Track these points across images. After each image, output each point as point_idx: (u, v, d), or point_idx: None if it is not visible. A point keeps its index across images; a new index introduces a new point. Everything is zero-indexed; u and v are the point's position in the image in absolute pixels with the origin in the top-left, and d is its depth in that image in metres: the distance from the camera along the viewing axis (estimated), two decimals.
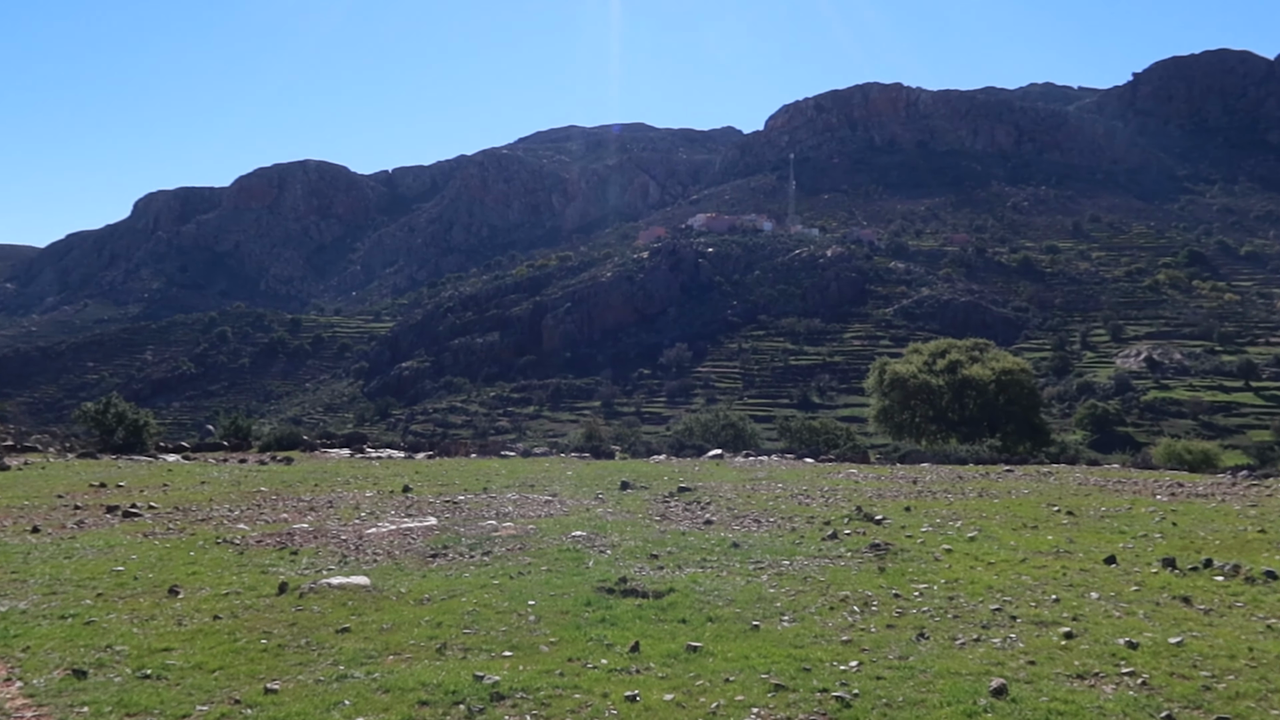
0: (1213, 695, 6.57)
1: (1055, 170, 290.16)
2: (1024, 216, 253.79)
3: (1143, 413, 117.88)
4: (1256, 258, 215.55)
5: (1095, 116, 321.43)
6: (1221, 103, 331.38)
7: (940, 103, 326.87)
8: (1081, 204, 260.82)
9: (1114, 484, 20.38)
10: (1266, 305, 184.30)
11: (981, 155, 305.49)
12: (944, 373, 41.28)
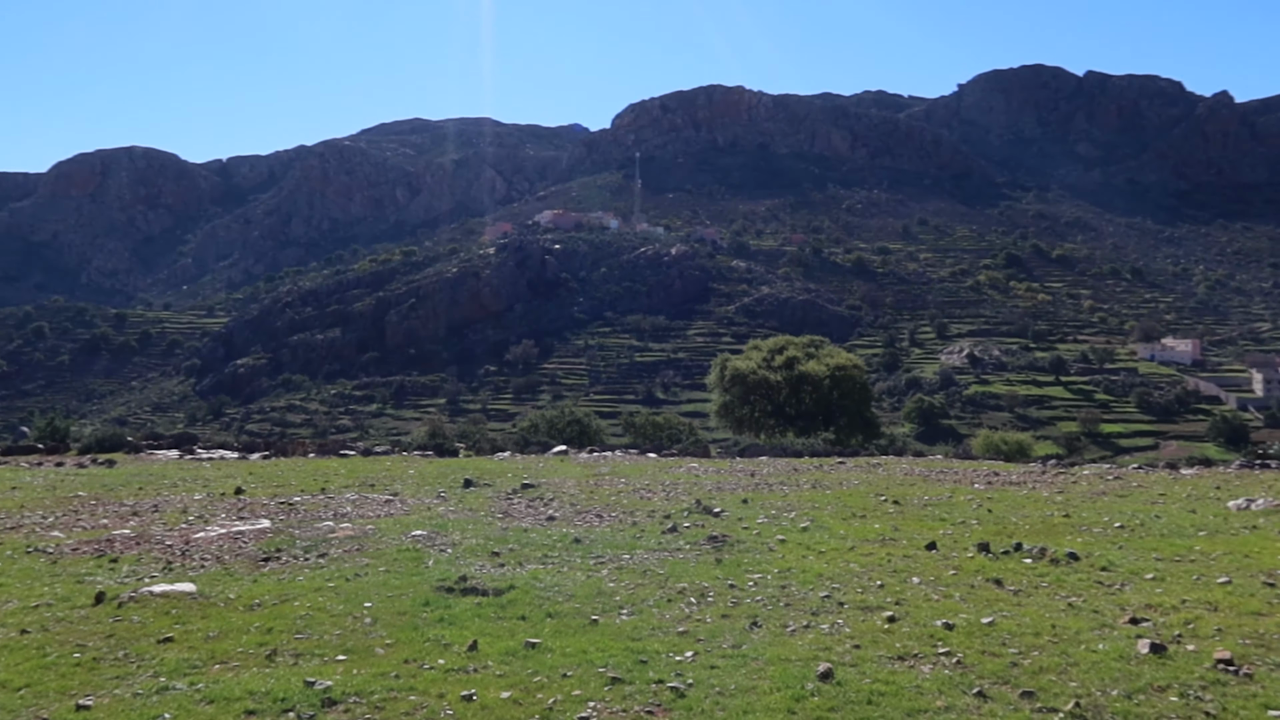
0: (1019, 670, 7.02)
1: (887, 175, 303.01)
2: (858, 219, 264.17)
3: (965, 406, 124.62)
4: (1067, 261, 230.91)
5: (924, 124, 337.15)
6: (1037, 115, 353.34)
7: (780, 107, 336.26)
8: (911, 207, 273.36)
9: (937, 474, 21.45)
10: (1075, 305, 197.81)
11: (819, 159, 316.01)
12: (782, 369, 42.54)
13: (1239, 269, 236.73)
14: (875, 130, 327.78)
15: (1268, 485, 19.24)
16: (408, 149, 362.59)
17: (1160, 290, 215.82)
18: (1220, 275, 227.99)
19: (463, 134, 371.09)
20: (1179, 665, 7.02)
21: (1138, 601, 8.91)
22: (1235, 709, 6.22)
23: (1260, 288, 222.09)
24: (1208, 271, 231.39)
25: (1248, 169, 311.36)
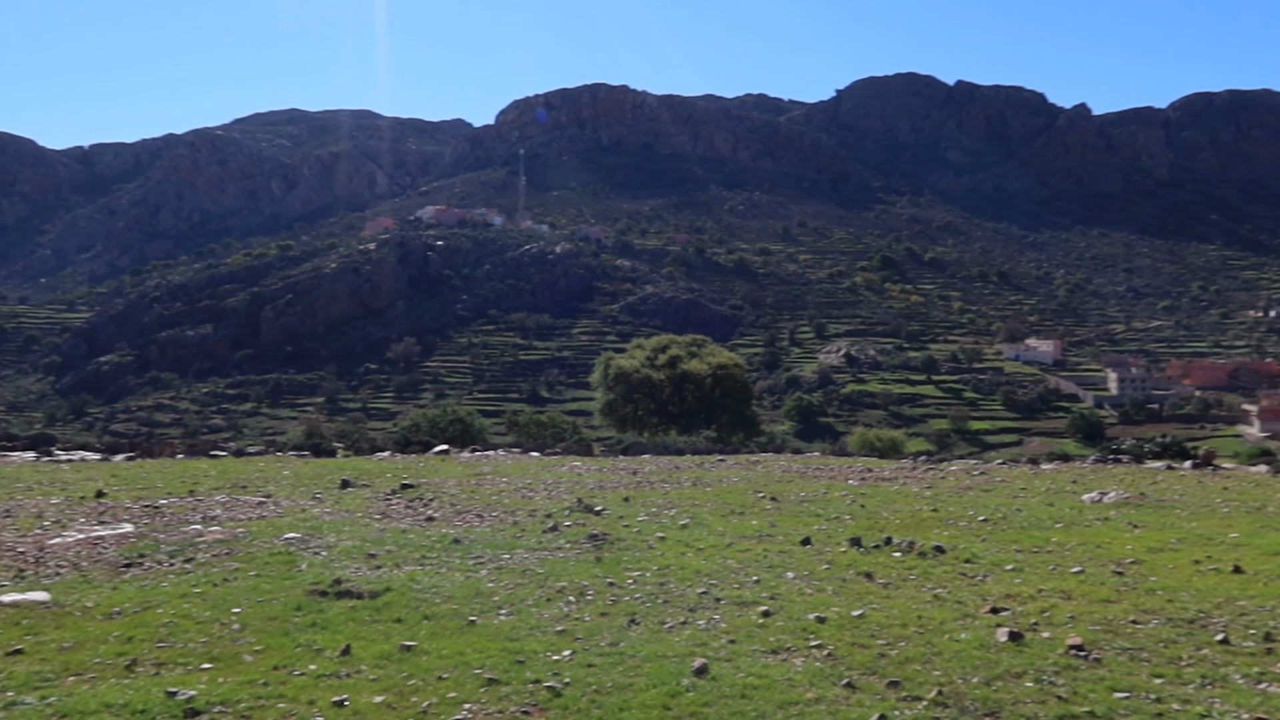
0: (887, 661, 7.24)
1: (768, 177, 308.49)
2: (740, 219, 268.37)
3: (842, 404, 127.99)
4: (938, 264, 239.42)
5: (804, 128, 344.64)
6: (910, 122, 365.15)
7: (664, 107, 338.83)
8: (791, 209, 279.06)
9: (814, 471, 21.97)
10: (945, 306, 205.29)
11: (702, 160, 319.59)
12: (665, 368, 42.97)
13: (1096, 273, 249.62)
14: (757, 132, 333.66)
15: (1119, 479, 20.35)
16: (284, 140, 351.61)
17: (1024, 293, 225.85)
18: (1079, 279, 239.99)
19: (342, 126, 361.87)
20: (1035, 652, 7.36)
21: (998, 592, 9.30)
22: (1085, 692, 6.54)
23: (1115, 291, 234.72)
24: (1068, 275, 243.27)
25: (1104, 178, 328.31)
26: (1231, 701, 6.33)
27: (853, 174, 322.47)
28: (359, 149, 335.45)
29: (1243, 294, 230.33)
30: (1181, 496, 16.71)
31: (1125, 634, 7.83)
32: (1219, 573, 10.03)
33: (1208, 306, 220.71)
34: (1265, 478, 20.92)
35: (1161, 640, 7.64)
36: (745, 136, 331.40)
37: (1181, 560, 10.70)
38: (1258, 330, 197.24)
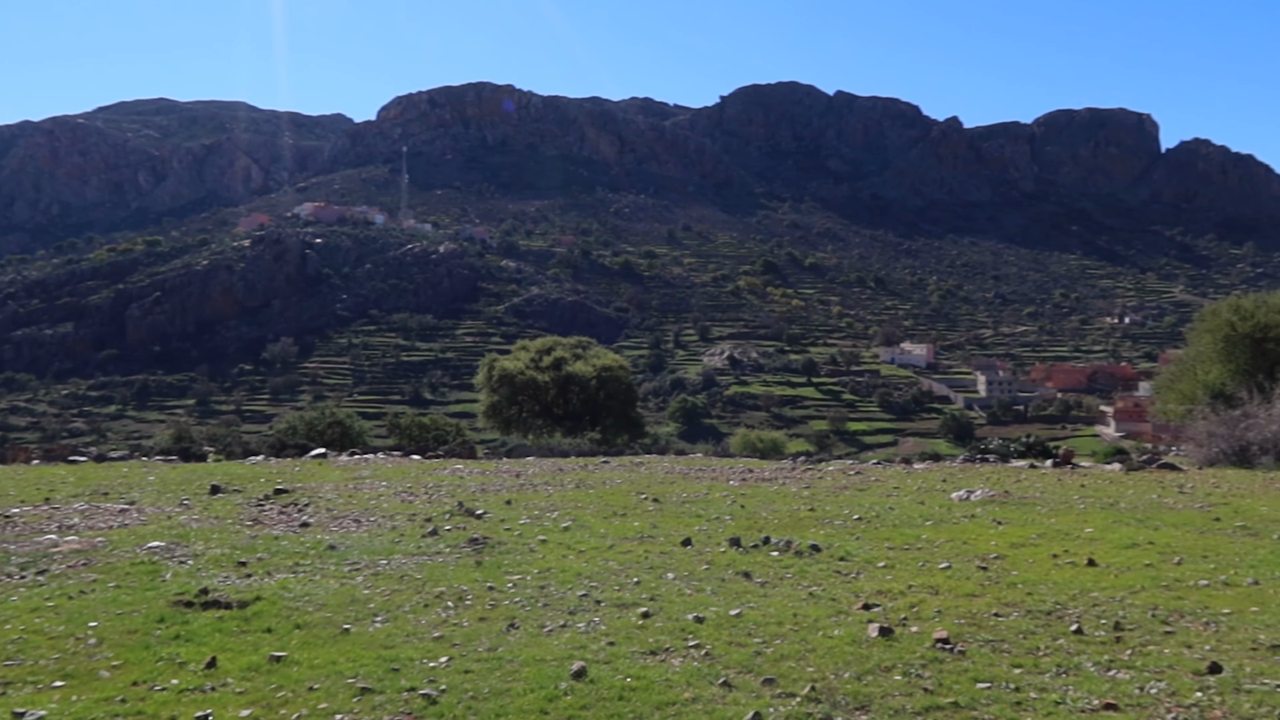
0: (762, 659, 7.35)
1: (653, 180, 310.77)
2: (625, 222, 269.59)
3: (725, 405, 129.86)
4: (818, 269, 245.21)
5: (689, 133, 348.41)
6: (792, 130, 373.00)
7: (550, 108, 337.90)
8: (676, 213, 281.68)
9: (696, 472, 22.19)
10: (825, 311, 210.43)
11: (587, 162, 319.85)
12: (550, 369, 42.81)
13: (966, 280, 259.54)
14: (642, 136, 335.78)
15: (986, 477, 21.16)
16: (152, 130, 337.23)
17: (900, 298, 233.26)
18: (950, 286, 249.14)
19: (215, 118, 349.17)
20: (904, 646, 7.58)
21: (870, 588, 9.55)
22: (950, 684, 6.77)
23: (984, 298, 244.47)
24: (940, 282, 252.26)
25: (974, 189, 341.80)
26: (1083, 689, 6.64)
27: (736, 179, 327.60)
28: (233, 142, 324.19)
29: (1100, 301, 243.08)
30: (1042, 494, 17.47)
31: (988, 626, 8.13)
32: (1075, 566, 10.52)
33: (1068, 313, 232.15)
34: (1119, 475, 22.07)
35: (1021, 632, 7.97)
36: (631, 140, 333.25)
37: (1041, 555, 11.18)
38: (1114, 336, 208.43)
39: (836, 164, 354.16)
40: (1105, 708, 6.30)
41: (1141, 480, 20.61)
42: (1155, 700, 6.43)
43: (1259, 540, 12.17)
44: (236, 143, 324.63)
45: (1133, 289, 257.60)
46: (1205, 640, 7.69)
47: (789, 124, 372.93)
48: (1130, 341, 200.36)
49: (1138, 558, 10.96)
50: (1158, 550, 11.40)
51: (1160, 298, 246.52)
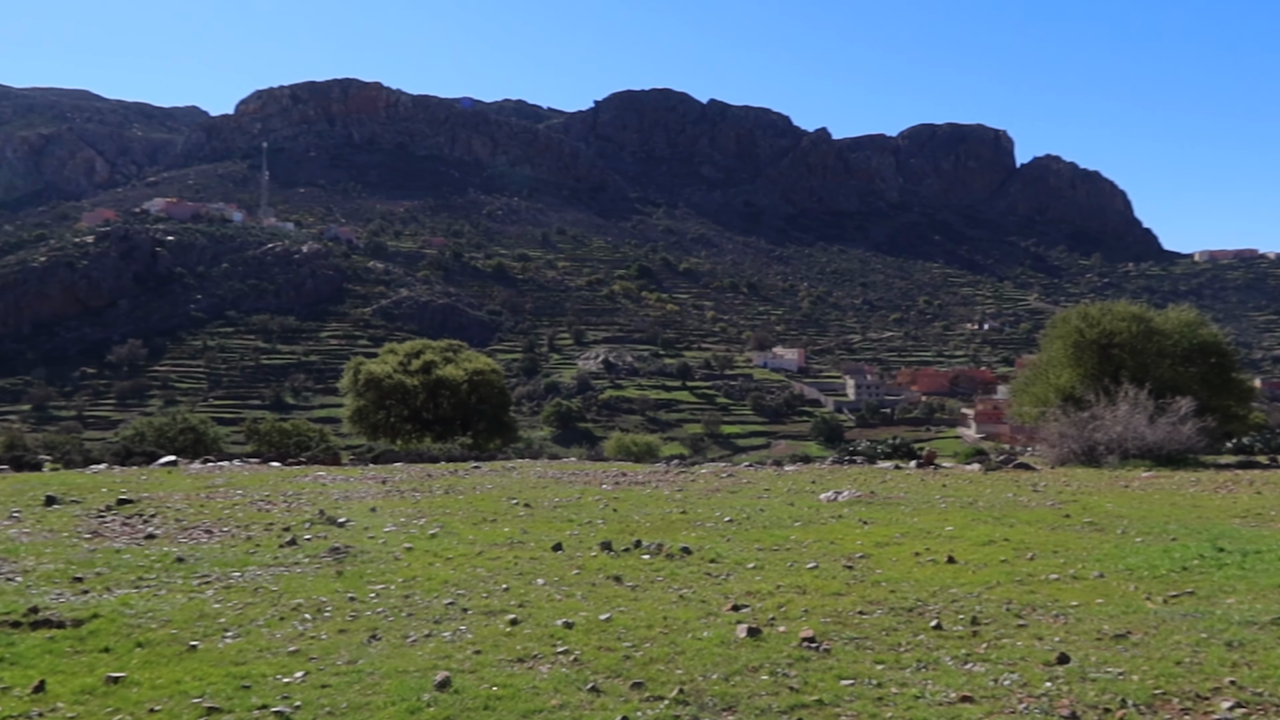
0: (631, 663, 7.27)
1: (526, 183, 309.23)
2: (498, 225, 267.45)
3: (600, 409, 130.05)
4: (692, 274, 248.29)
5: (563, 136, 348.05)
6: (666, 136, 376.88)
7: (420, 107, 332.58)
8: (550, 216, 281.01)
9: (569, 476, 22.05)
10: (699, 315, 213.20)
11: (459, 162, 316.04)
12: (419, 373, 41.95)
13: (836, 287, 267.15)
14: (516, 138, 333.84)
15: (853, 478, 21.70)
16: None
17: (772, 304, 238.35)
18: (821, 292, 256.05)
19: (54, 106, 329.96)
20: (771, 646, 7.61)
21: (740, 589, 9.59)
22: (814, 681, 6.83)
23: (853, 304, 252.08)
24: (811, 288, 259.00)
25: (842, 198, 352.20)
26: (942, 682, 6.78)
27: (611, 184, 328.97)
28: (75, 132, 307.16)
29: (961, 308, 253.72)
30: (906, 494, 18.00)
31: (853, 624, 8.25)
32: (935, 563, 10.81)
33: (932, 319, 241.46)
34: (978, 475, 22.95)
35: (884, 629, 8.11)
36: (504, 141, 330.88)
37: (904, 553, 11.46)
38: (974, 341, 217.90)
39: (710, 171, 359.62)
40: (962, 700, 6.45)
41: (999, 480, 21.48)
42: (1008, 691, 6.61)
43: (1104, 535, 12.79)
44: (79, 133, 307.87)
45: (991, 297, 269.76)
46: (1055, 632, 7.98)
47: (663, 130, 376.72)
48: (989, 347, 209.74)
49: (994, 554, 11.35)
50: (1013, 547, 11.84)
51: (1016, 305, 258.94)
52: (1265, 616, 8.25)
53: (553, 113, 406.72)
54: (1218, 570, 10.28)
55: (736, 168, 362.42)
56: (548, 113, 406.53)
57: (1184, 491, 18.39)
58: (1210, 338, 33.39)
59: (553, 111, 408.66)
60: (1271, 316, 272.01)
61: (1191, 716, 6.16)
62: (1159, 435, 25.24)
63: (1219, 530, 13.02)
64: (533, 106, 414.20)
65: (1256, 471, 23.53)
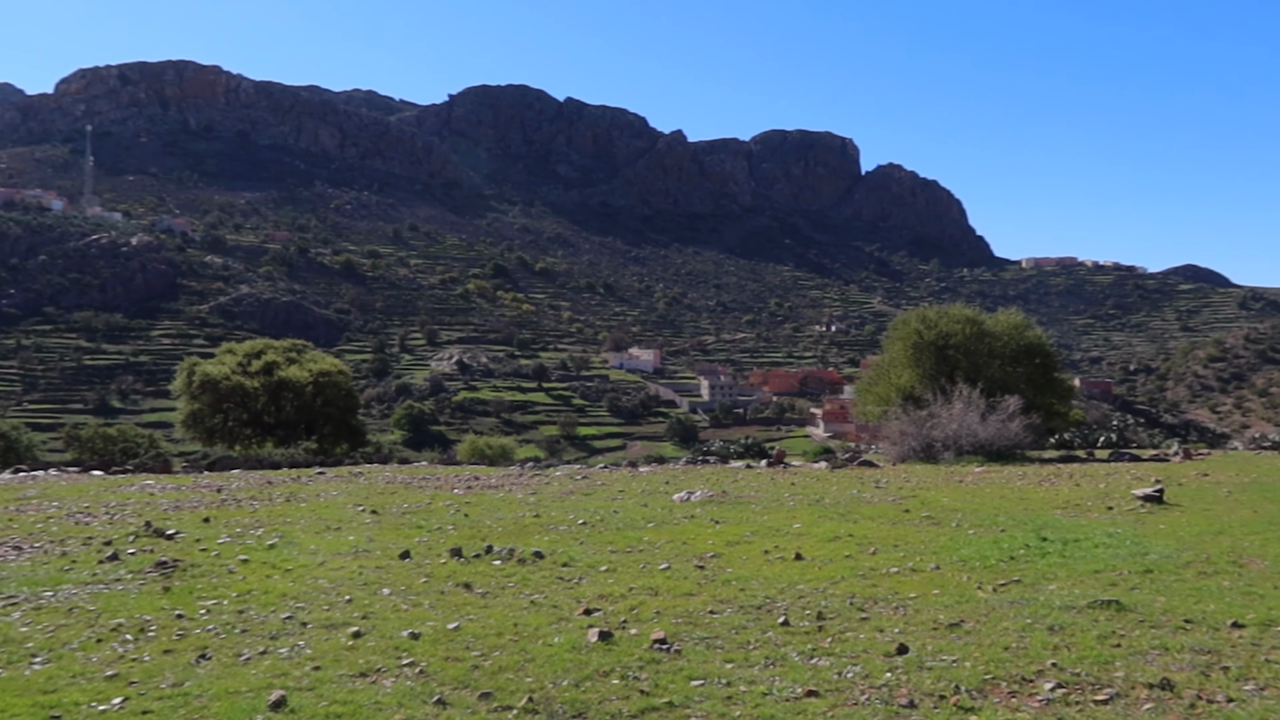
0: (480, 673, 7.10)
1: (378, 177, 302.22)
2: (347, 220, 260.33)
3: (454, 412, 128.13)
4: (548, 274, 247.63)
5: (415, 130, 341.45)
6: (522, 134, 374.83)
7: (263, 94, 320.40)
8: (402, 212, 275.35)
9: (419, 481, 21.55)
10: (556, 316, 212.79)
11: (305, 154, 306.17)
12: (260, 374, 40.25)
13: (690, 288, 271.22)
14: (366, 130, 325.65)
15: (706, 478, 21.98)
16: None
17: (629, 305, 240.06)
18: (676, 293, 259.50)
19: None
20: (622, 649, 7.56)
21: (592, 593, 9.52)
22: (665, 683, 6.81)
23: (707, 306, 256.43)
24: (666, 289, 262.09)
25: (698, 201, 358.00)
26: (789, 678, 6.88)
27: (466, 180, 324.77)
28: None
29: (810, 310, 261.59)
30: (757, 493, 18.34)
31: (704, 624, 8.30)
32: (784, 560, 11.01)
33: (782, 321, 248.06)
34: (825, 473, 23.62)
35: (734, 627, 8.18)
36: (354, 133, 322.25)
37: (754, 551, 11.64)
38: (822, 343, 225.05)
39: (567, 170, 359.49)
40: (807, 695, 6.56)
41: (844, 477, 22.15)
42: (851, 683, 6.76)
43: (941, 528, 13.32)
44: None
45: (838, 299, 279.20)
46: (895, 623, 8.23)
47: (519, 127, 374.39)
48: (836, 348, 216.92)
49: (839, 550, 11.65)
50: (856, 542, 12.19)
51: (862, 308, 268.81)
52: (1083, 601, 8.74)
53: (405, 105, 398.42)
54: (1041, 559, 10.85)
55: (593, 167, 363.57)
56: (400, 105, 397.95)
57: (1012, 485, 19.38)
58: (1035, 339, 35.32)
59: (405, 104, 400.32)
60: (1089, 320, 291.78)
61: (1018, 699, 6.44)
62: (990, 432, 26.56)
63: (1043, 521, 13.78)
64: (384, 98, 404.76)
65: (1076, 465, 25.02)
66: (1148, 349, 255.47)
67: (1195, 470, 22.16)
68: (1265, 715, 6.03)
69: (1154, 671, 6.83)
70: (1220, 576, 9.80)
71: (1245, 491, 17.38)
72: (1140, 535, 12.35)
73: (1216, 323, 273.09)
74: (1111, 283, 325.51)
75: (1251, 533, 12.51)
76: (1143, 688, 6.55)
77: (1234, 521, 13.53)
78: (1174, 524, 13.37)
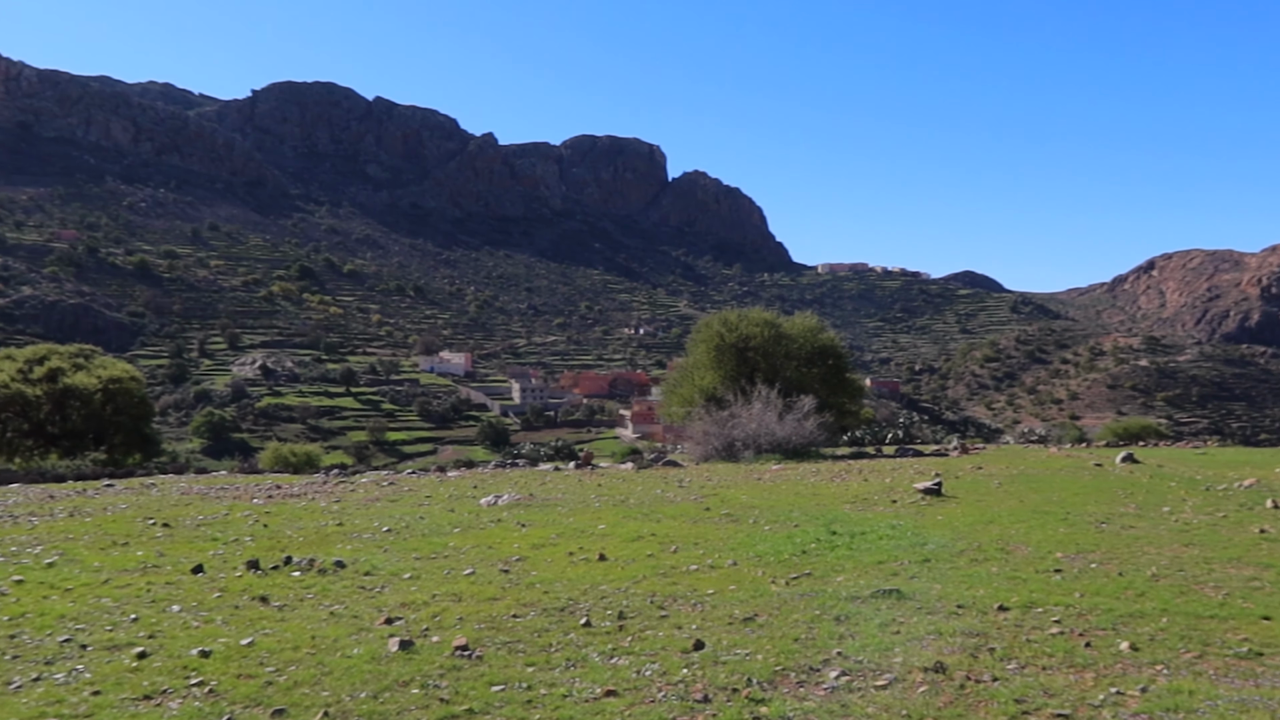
0: (274, 689, 6.94)
1: (175, 174, 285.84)
2: (141, 218, 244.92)
3: (258, 418, 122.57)
4: (357, 276, 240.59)
5: (216, 125, 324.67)
6: (330, 132, 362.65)
7: (48, 84, 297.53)
8: (201, 211, 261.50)
9: (217, 491, 20.65)
10: (365, 319, 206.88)
11: (95, 148, 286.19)
12: (43, 381, 37.42)
13: (502, 291, 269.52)
14: (163, 125, 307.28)
15: (514, 482, 22.02)
16: None
17: (439, 308, 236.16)
18: (487, 296, 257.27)
19: None
20: (423, 658, 7.57)
21: (394, 602, 9.45)
22: (466, 690, 6.87)
23: (518, 309, 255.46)
24: (477, 292, 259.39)
25: (509, 204, 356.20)
26: (589, 679, 7.07)
27: (270, 179, 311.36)
28: None
29: (620, 314, 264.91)
30: (564, 495, 18.53)
31: (506, 629, 8.39)
32: (588, 562, 11.24)
33: (593, 324, 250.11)
34: (631, 474, 24.08)
35: (536, 630, 8.32)
36: (149, 128, 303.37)
37: (559, 553, 11.81)
38: (631, 345, 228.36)
39: (376, 170, 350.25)
40: (606, 694, 6.76)
41: (649, 477, 22.66)
42: (649, 681, 7.01)
43: (739, 525, 13.89)
44: None
45: (647, 303, 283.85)
46: (693, 620, 8.56)
47: (327, 126, 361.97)
48: (645, 351, 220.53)
49: (642, 549, 11.98)
50: (659, 541, 12.56)
51: (669, 311, 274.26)
52: (867, 591, 9.35)
53: (205, 99, 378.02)
54: (831, 552, 11.51)
55: (403, 168, 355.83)
56: (199, 99, 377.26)
57: (806, 481, 20.35)
58: (829, 341, 37.21)
59: (205, 98, 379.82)
60: (879, 323, 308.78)
61: (805, 688, 6.85)
62: (787, 431, 27.79)
63: (833, 515, 14.58)
64: (182, 91, 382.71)
65: (865, 461, 26.51)
66: (931, 350, 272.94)
67: (971, 464, 23.88)
68: (1024, 691, 6.61)
69: (929, 655, 7.37)
70: (989, 563, 10.66)
71: (1014, 483, 18.90)
72: (920, 527, 13.25)
73: (991, 325, 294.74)
74: (899, 287, 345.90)
75: (1018, 521, 13.67)
76: (918, 671, 7.05)
77: (1003, 511, 14.71)
78: (950, 515, 14.41)
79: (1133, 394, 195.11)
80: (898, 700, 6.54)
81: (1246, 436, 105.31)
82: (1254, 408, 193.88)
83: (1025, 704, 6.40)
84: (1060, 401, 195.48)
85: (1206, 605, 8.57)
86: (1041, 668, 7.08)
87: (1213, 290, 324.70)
